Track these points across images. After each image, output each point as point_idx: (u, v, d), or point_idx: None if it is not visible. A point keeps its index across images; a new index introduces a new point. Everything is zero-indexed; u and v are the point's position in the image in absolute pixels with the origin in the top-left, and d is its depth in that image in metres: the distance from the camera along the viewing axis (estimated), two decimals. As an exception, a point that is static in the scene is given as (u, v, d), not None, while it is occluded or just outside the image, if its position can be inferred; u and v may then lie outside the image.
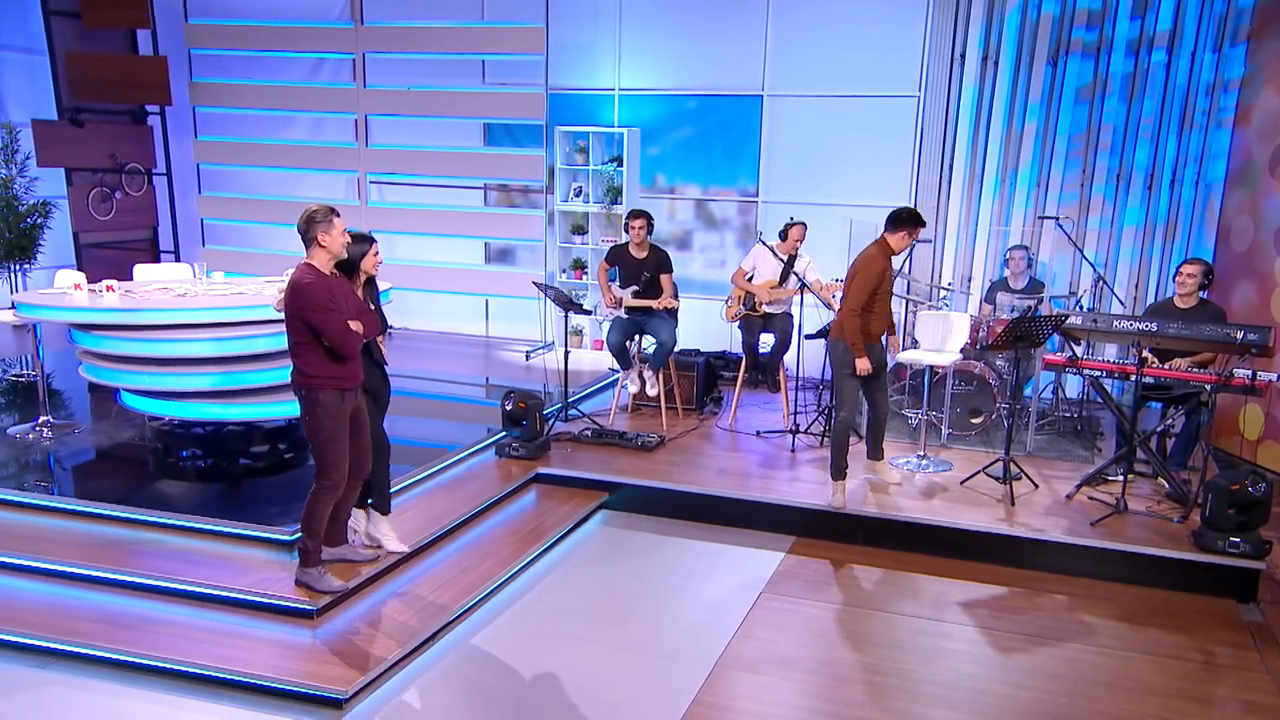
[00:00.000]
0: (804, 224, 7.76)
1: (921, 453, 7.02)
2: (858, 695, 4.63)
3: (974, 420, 7.69)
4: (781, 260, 7.67)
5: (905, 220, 6.22)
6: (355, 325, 4.77)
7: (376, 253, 5.23)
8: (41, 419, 7.11)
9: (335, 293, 4.73)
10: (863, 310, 6.22)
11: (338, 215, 4.76)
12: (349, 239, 4.88)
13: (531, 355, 9.90)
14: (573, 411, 7.98)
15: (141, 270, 7.59)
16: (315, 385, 4.71)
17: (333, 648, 4.68)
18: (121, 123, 11.29)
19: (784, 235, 7.73)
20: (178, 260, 11.55)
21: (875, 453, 6.71)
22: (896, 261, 6.59)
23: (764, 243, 7.80)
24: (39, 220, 10.24)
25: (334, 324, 4.63)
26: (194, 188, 11.60)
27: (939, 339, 7.23)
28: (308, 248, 4.78)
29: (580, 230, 10.18)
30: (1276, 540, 5.95)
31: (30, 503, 5.91)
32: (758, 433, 7.84)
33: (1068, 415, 8.08)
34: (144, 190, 11.48)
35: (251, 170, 11.40)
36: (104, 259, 11.12)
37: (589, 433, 7.56)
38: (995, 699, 4.65)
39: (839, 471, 6.42)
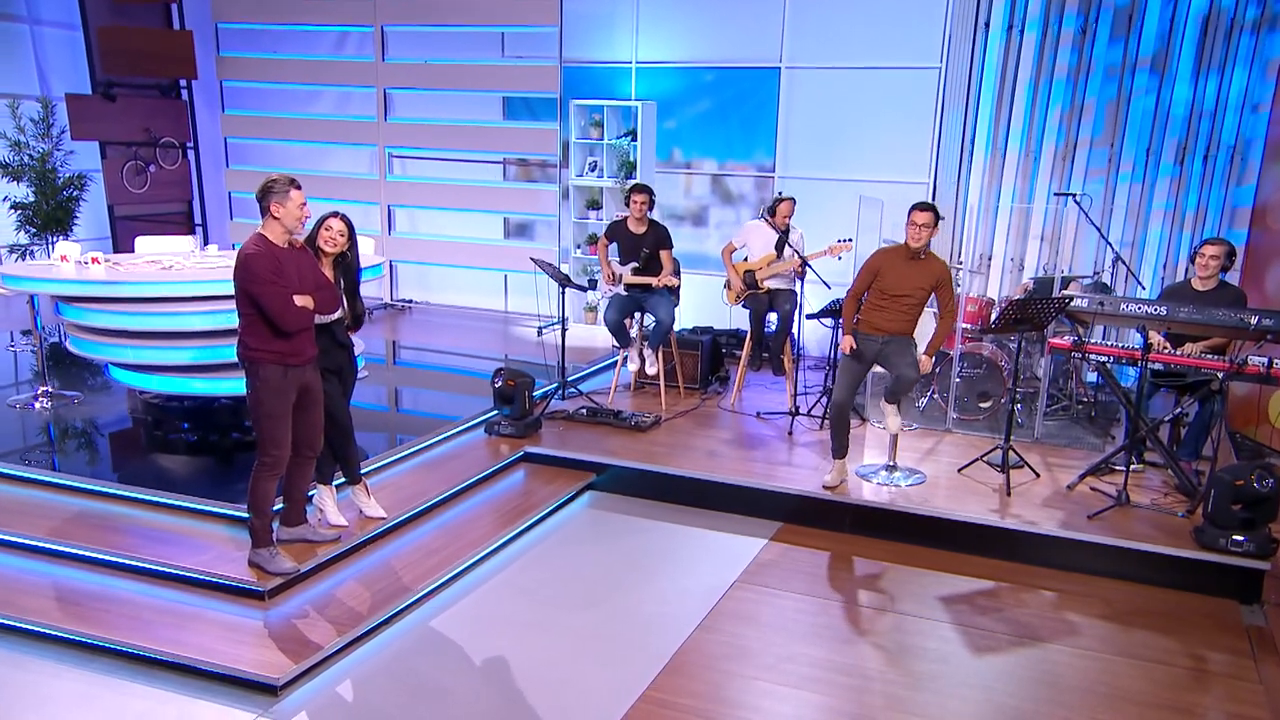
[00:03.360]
0: (793, 199, 7.51)
1: (891, 462, 6.48)
2: (809, 697, 4.45)
3: (982, 404, 7.40)
4: (777, 232, 7.41)
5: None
6: (303, 300, 4.65)
7: (329, 228, 5.07)
8: (41, 389, 7.19)
9: (283, 265, 4.62)
10: (856, 297, 6.18)
11: (297, 187, 4.65)
12: (306, 212, 4.73)
13: (543, 331, 9.78)
14: (573, 390, 7.85)
15: (142, 242, 7.60)
16: (256, 359, 4.62)
17: (278, 631, 4.63)
18: (155, 97, 11.38)
19: (772, 211, 7.48)
20: (205, 234, 11.68)
21: (890, 396, 6.26)
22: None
23: (764, 217, 7.54)
24: (74, 193, 10.43)
25: (273, 297, 4.53)
26: (222, 161, 11.67)
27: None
28: (262, 217, 4.68)
29: (595, 205, 10.03)
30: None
31: (3, 472, 5.95)
32: (758, 414, 7.64)
33: (1082, 401, 7.73)
34: (178, 164, 11.58)
35: (279, 144, 11.43)
36: (139, 232, 11.26)
37: (584, 411, 7.43)
38: (959, 703, 4.43)
39: (836, 450, 6.27)
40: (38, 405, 7.14)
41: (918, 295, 6.00)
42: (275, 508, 5.08)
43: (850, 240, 7.19)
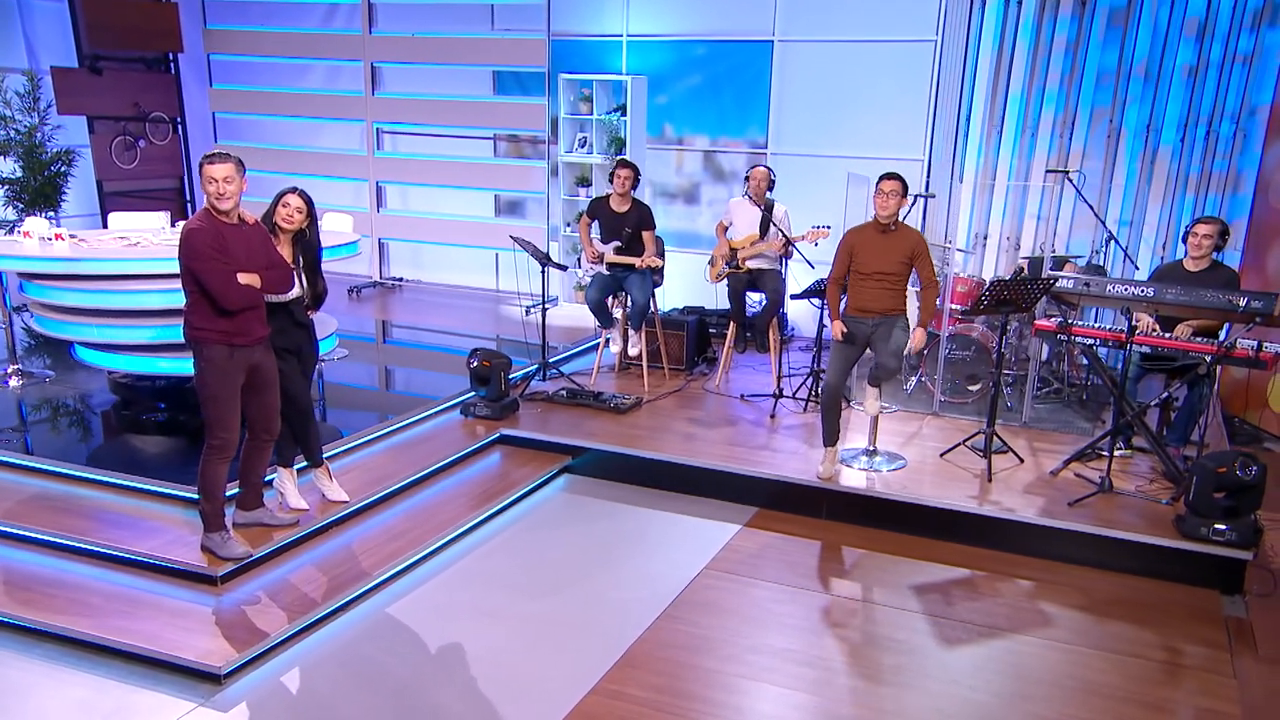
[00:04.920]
0: (768, 167, 7.34)
1: (871, 447, 6.31)
2: (768, 690, 4.32)
3: (971, 387, 7.24)
4: (759, 209, 7.24)
5: None
6: (247, 278, 4.51)
7: (286, 204, 4.93)
8: (11, 368, 7.12)
9: (228, 241, 4.47)
10: (837, 282, 6.05)
11: (212, 162, 4.43)
12: (220, 188, 4.45)
13: (531, 310, 9.65)
14: (555, 371, 7.71)
15: (115, 218, 7.49)
16: (201, 338, 4.50)
17: (228, 618, 4.53)
18: (143, 70, 11.25)
19: (746, 179, 7.34)
20: (195, 210, 11.57)
21: (873, 379, 6.13)
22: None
23: (746, 195, 7.37)
24: (62, 169, 10.32)
25: (214, 274, 4.39)
26: (210, 136, 11.55)
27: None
28: None
29: (585, 182, 9.86)
30: (1271, 525, 5.47)
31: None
32: (741, 396, 7.49)
33: (1074, 383, 7.54)
34: (169, 139, 11.48)
35: (268, 120, 11.30)
36: (129, 208, 11.18)
37: (564, 393, 7.30)
38: (921, 695, 4.30)
39: (826, 437, 6.08)
40: (12, 384, 7.07)
41: (897, 269, 5.83)
42: (230, 493, 4.98)
43: (828, 227, 6.99)
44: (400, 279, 11.14)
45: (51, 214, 10.39)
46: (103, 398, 6.91)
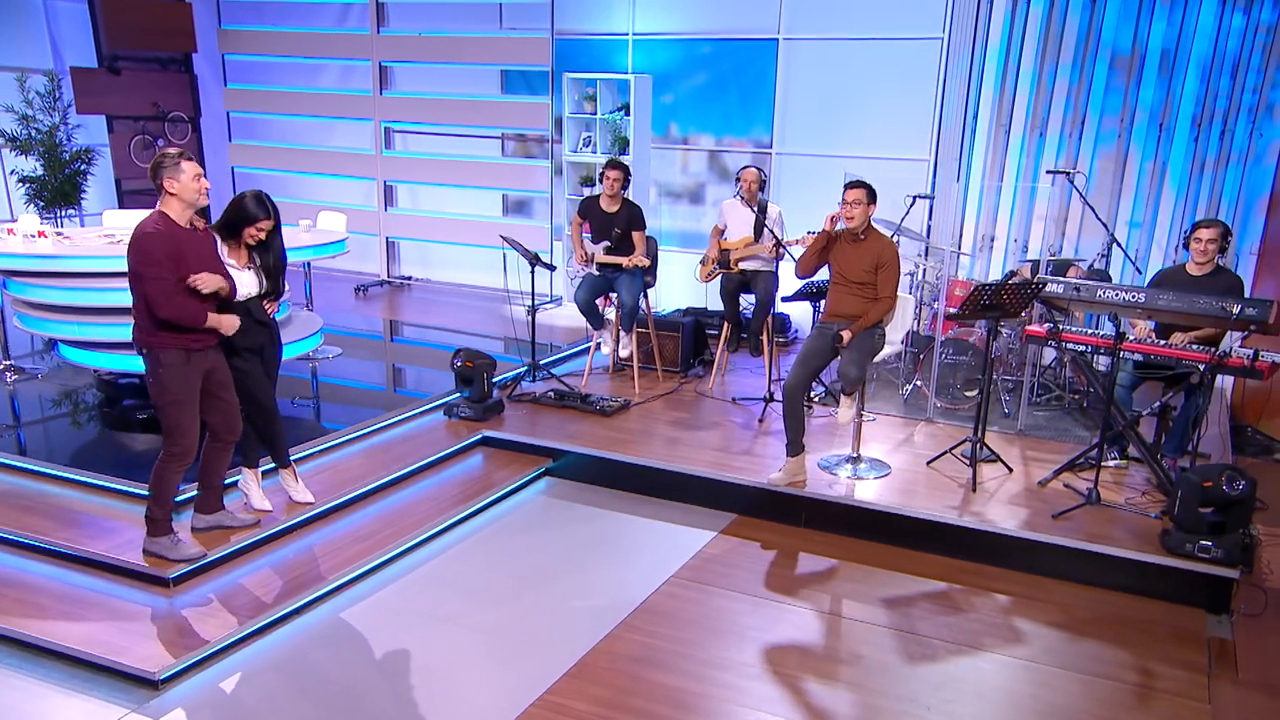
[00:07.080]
0: (758, 168, 7.18)
1: (854, 454, 6.16)
2: (718, 705, 4.20)
3: (968, 393, 7.04)
4: (753, 211, 7.09)
5: None
6: (205, 283, 4.48)
7: (261, 229, 4.88)
8: (4, 364, 7.19)
9: (182, 248, 4.44)
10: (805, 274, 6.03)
11: (188, 159, 4.45)
12: (204, 184, 4.52)
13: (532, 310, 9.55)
14: (546, 372, 7.63)
15: (110, 215, 7.54)
16: (156, 344, 4.47)
17: (175, 621, 4.49)
18: (160, 70, 11.35)
19: (737, 179, 7.19)
20: (207, 209, 11.64)
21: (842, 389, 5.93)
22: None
23: (739, 196, 7.23)
24: (82, 167, 10.46)
25: (156, 283, 4.35)
26: (225, 135, 11.62)
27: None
28: (159, 195, 4.51)
29: (589, 182, 9.76)
30: (1271, 540, 5.25)
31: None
32: (733, 399, 7.35)
33: (1076, 390, 7.31)
34: (188, 138, 11.57)
35: (283, 119, 11.34)
36: (147, 207, 11.26)
37: (551, 394, 7.21)
38: (873, 715, 4.14)
39: (790, 445, 5.91)
40: (10, 378, 7.15)
41: (863, 278, 5.74)
42: (188, 495, 4.96)
43: (811, 232, 6.86)
44: (409, 278, 11.13)
45: (72, 212, 10.56)
46: (89, 395, 6.94)
